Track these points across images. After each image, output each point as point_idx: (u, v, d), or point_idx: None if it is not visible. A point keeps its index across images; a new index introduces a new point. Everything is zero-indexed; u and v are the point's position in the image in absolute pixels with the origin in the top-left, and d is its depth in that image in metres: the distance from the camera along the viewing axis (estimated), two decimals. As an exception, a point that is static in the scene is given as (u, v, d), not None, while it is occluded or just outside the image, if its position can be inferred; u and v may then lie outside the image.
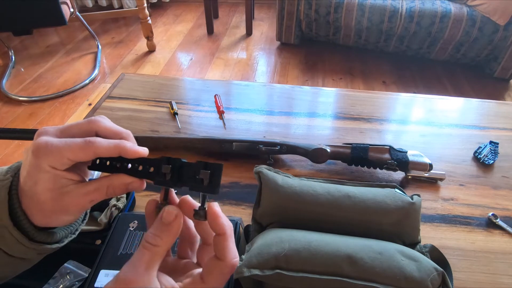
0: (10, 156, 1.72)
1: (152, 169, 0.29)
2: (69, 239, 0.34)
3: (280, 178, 0.51)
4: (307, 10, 2.33)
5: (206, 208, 0.28)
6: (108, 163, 0.30)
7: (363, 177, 0.66)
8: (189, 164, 0.29)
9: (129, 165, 0.30)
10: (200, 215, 0.28)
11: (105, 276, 0.44)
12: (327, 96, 0.89)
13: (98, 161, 0.31)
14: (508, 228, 0.56)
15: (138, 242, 0.47)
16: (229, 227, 0.27)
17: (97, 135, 0.29)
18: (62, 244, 0.33)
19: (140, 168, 0.30)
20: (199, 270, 0.29)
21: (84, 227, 0.51)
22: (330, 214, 0.48)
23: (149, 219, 0.30)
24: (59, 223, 0.30)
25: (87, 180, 0.30)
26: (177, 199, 0.30)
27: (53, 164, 0.27)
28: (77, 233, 0.35)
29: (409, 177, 0.64)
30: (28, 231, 0.29)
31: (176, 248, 0.33)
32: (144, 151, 0.29)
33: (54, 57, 2.52)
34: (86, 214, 0.37)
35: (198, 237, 0.32)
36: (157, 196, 0.61)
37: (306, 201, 0.48)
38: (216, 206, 0.28)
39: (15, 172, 0.30)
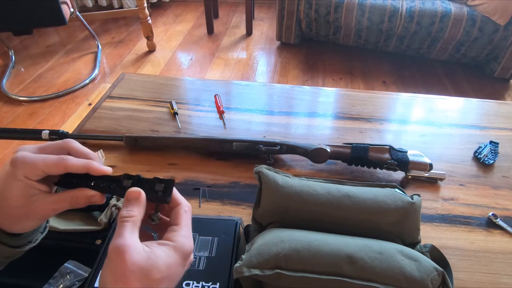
0: (10, 156, 1.71)
1: (113, 185, 0.34)
2: (29, 246, 0.36)
3: (280, 178, 0.51)
4: (307, 10, 2.33)
5: (159, 215, 0.34)
6: (74, 181, 0.34)
7: (363, 177, 0.66)
8: (146, 180, 0.34)
9: (92, 183, 0.34)
10: (154, 219, 0.34)
11: (105, 276, 0.44)
12: (327, 96, 0.89)
13: (63, 181, 0.34)
14: (508, 228, 0.56)
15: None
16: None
17: (69, 154, 0.34)
18: (21, 250, 0.35)
19: (102, 185, 0.34)
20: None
21: (84, 227, 0.52)
22: (330, 214, 0.48)
23: None
24: (20, 229, 0.34)
25: (53, 192, 0.35)
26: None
27: (27, 174, 0.31)
28: (37, 242, 0.38)
29: (409, 177, 0.64)
30: None
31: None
32: (108, 169, 0.34)
33: (54, 57, 2.52)
34: (46, 227, 0.39)
35: None
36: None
37: (306, 201, 0.48)
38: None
39: None
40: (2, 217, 0.32)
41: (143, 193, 0.32)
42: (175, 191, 0.34)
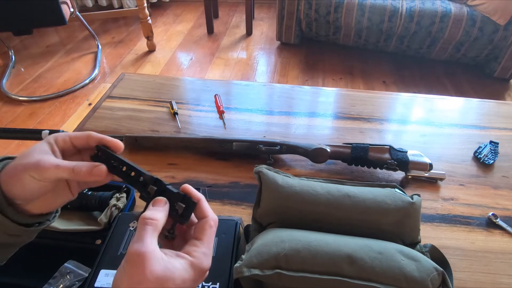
0: (10, 156, 1.72)
1: (141, 179, 0.35)
2: (36, 228, 0.36)
3: (280, 178, 0.51)
4: (307, 10, 2.33)
5: (175, 232, 0.34)
6: (106, 158, 0.36)
7: (363, 177, 0.66)
8: (170, 191, 0.34)
9: (124, 168, 0.35)
10: (167, 236, 0.33)
11: (105, 276, 0.44)
12: (327, 96, 0.89)
13: (99, 153, 0.36)
14: (508, 228, 0.56)
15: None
16: (201, 195, 0.34)
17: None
18: (28, 230, 0.35)
19: (132, 174, 0.35)
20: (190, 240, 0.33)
21: (84, 227, 0.52)
22: (330, 214, 0.48)
23: None
24: (21, 187, 0.32)
25: None
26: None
27: (57, 139, 0.35)
28: (44, 226, 0.37)
29: (409, 177, 0.64)
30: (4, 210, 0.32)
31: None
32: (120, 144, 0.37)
33: (54, 57, 2.52)
34: (54, 216, 0.39)
35: None
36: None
37: (306, 201, 0.48)
38: (187, 186, 0.34)
39: None
40: (8, 178, 0.32)
41: (168, 204, 0.33)
42: (204, 202, 0.34)
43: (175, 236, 0.34)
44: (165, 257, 0.29)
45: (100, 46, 2.59)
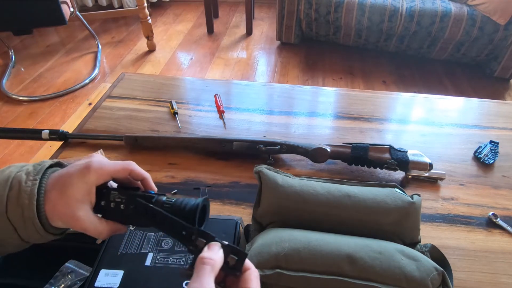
0: (10, 155, 1.72)
1: (184, 233, 0.34)
2: (64, 234, 0.40)
3: (280, 177, 0.51)
4: (307, 10, 2.33)
5: (225, 285, 0.34)
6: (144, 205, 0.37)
7: (363, 177, 0.66)
8: (221, 243, 0.33)
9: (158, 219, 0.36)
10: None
11: (105, 276, 0.44)
12: (327, 96, 0.89)
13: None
14: (508, 228, 0.56)
15: (139, 242, 0.48)
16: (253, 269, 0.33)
17: (130, 174, 0.39)
18: (60, 237, 0.39)
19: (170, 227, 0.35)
20: None
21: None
22: (330, 213, 0.48)
23: None
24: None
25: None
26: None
27: (95, 178, 0.37)
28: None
29: (409, 176, 0.64)
30: (44, 224, 0.36)
31: None
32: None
33: (54, 56, 2.52)
34: None
35: None
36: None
37: (306, 201, 0.48)
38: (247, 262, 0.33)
39: (41, 173, 0.36)
40: (52, 211, 0.36)
41: (221, 251, 0.33)
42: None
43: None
44: None
45: (100, 46, 2.59)
